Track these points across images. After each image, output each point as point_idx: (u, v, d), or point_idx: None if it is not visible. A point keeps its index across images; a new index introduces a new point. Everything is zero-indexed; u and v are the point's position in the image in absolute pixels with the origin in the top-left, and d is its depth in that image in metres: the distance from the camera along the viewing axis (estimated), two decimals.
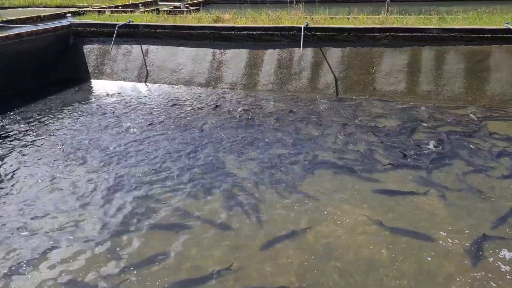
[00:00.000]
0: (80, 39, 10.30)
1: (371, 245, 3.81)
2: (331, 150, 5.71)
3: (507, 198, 4.48)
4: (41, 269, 3.63)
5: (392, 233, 3.97)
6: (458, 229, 4.00)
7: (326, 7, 11.02)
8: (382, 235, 3.95)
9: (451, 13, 9.34)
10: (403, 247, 3.78)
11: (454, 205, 4.40)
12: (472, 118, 6.71)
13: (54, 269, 3.62)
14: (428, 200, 4.51)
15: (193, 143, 6.06)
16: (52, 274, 3.56)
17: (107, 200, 4.66)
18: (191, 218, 4.29)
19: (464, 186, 4.75)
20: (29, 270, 3.62)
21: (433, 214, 4.25)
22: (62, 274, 3.56)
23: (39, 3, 16.67)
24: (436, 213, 4.27)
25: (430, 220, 4.16)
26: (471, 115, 6.86)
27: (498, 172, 5.02)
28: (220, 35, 9.30)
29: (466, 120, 6.65)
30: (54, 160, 5.63)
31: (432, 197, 4.55)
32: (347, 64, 8.43)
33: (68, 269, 3.61)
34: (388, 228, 4.04)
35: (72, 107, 7.94)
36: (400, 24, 8.65)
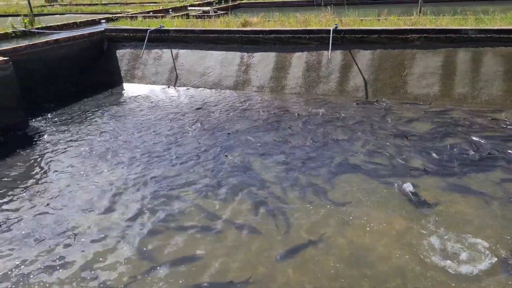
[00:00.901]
0: (113, 44, 10.64)
1: (404, 254, 3.69)
2: (360, 154, 5.60)
3: None
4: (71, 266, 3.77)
5: (425, 242, 3.83)
6: (495, 238, 3.80)
7: (355, 9, 10.85)
8: (415, 244, 3.81)
9: (488, 13, 8.95)
10: (436, 257, 3.63)
11: (490, 212, 4.19)
12: (510, 122, 6.39)
13: (81, 267, 3.74)
14: (463, 207, 4.32)
15: (220, 146, 6.11)
16: (77, 272, 3.68)
17: (134, 198, 4.78)
18: (217, 221, 4.31)
19: (502, 193, 4.52)
20: (65, 265, 3.76)
21: (469, 222, 4.07)
22: (85, 272, 3.67)
23: (75, 10, 17.40)
24: (471, 220, 4.08)
25: (465, 228, 3.98)
26: (510, 119, 6.53)
27: None
28: (248, 38, 9.35)
29: (504, 125, 6.34)
30: (87, 159, 5.84)
31: (467, 205, 4.36)
32: (377, 67, 8.25)
33: (91, 268, 3.72)
34: (421, 236, 3.90)
35: (105, 109, 8.21)
36: (433, 25, 8.38)
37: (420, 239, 3.86)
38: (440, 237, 3.86)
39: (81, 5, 20.08)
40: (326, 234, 4.01)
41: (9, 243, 4.11)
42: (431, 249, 3.73)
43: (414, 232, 3.97)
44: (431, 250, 3.71)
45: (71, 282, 3.57)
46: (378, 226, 4.09)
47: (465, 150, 5.56)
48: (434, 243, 3.80)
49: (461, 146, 5.67)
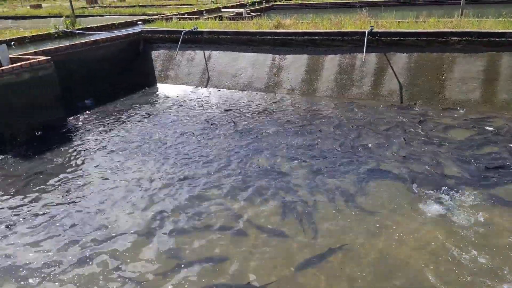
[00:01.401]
0: (149, 45, 10.93)
1: (435, 266, 3.52)
2: (393, 161, 5.41)
3: None
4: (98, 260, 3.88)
5: (459, 254, 3.64)
6: None
7: (392, 11, 10.54)
8: (448, 255, 3.63)
9: None
10: (471, 270, 3.44)
11: None
12: None
13: (109, 262, 3.84)
14: (501, 219, 4.07)
15: (249, 148, 6.11)
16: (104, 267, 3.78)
17: (163, 196, 4.87)
18: (243, 222, 4.30)
19: None
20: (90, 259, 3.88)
21: (497, 232, 3.82)
22: (113, 267, 3.76)
23: (114, 12, 18.04)
24: (499, 231, 3.83)
25: (503, 242, 3.75)
26: None
27: None
28: (281, 40, 9.31)
29: None
30: (121, 156, 6.01)
31: (504, 217, 4.10)
32: (414, 71, 7.97)
33: (119, 263, 3.80)
34: (456, 249, 3.71)
35: (139, 109, 8.44)
36: (476, 27, 7.99)
37: (453, 252, 3.67)
38: (475, 251, 3.66)
39: (120, 7, 20.82)
40: (354, 241, 3.89)
41: (43, 235, 4.28)
42: (464, 263, 3.53)
43: (447, 244, 3.78)
44: (464, 264, 3.52)
45: (99, 276, 3.67)
46: (409, 236, 3.92)
47: (504, 159, 5.24)
48: (468, 257, 3.60)
49: (501, 156, 5.35)
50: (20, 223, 4.52)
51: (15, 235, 4.32)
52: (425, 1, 15.98)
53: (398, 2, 16.11)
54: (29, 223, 4.51)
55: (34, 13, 20.61)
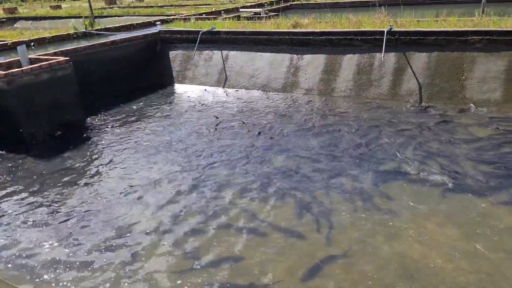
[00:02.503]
0: (166, 45, 11.08)
1: (456, 270, 3.50)
2: (411, 161, 5.38)
3: None
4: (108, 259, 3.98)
5: (481, 258, 3.61)
6: None
7: (411, 10, 10.42)
8: (469, 259, 3.60)
9: None
10: (490, 272, 3.41)
11: None
12: None
13: (125, 259, 3.94)
14: None
15: (266, 148, 6.15)
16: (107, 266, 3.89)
17: (178, 195, 4.96)
18: (258, 222, 4.35)
19: None
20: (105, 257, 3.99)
21: None
22: (129, 264, 3.86)
23: (132, 12, 18.33)
24: None
25: None
26: None
27: None
28: (298, 40, 9.32)
29: None
30: (138, 155, 6.14)
31: None
32: (434, 70, 7.88)
33: (136, 260, 3.90)
34: (478, 253, 3.67)
35: (157, 109, 8.58)
36: (497, 26, 7.84)
37: (473, 255, 3.64)
38: (492, 254, 3.62)
39: (138, 7, 21.13)
40: (373, 243, 3.90)
41: (60, 235, 4.43)
42: (487, 266, 3.50)
43: (468, 246, 3.74)
44: (488, 267, 3.49)
45: (115, 272, 3.77)
46: (429, 238, 3.91)
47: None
48: (483, 259, 3.57)
49: None
50: (36, 220, 4.67)
51: (30, 231, 4.47)
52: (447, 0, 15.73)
53: (418, 1, 15.89)
54: (46, 220, 4.66)
55: (53, 14, 21.10)
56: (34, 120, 6.95)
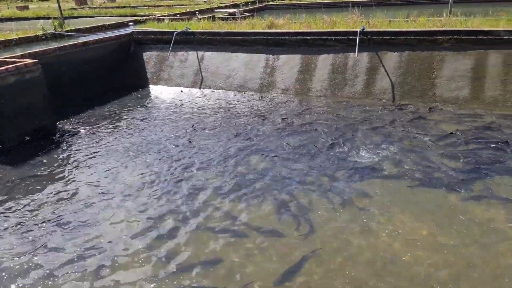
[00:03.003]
0: (140, 46, 10.89)
1: (428, 262, 3.61)
2: (385, 158, 5.51)
3: None
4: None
5: (453, 252, 3.74)
6: None
7: (383, 10, 10.68)
8: (442, 253, 3.73)
9: None
10: (462, 264, 3.54)
11: None
12: None
13: (100, 266, 3.85)
14: (489, 213, 4.18)
15: (243, 148, 6.15)
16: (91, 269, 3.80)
17: (154, 201, 4.87)
18: (236, 223, 4.35)
19: None
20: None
21: (494, 228, 3.93)
22: (104, 271, 3.77)
23: (104, 13, 17.91)
24: (497, 227, 3.95)
25: (490, 235, 3.86)
26: None
27: None
28: (274, 40, 9.37)
29: None
30: (112, 160, 6.00)
31: (494, 210, 4.22)
32: (405, 69, 8.10)
33: (111, 268, 3.82)
34: (449, 246, 3.80)
35: (131, 111, 8.42)
36: (464, 26, 8.15)
37: (444, 249, 3.77)
38: (461, 244, 3.77)
39: (110, 8, 20.66)
40: (348, 239, 3.97)
41: (33, 241, 4.27)
42: (457, 257, 3.64)
43: (440, 239, 3.87)
44: (457, 257, 3.62)
45: (93, 282, 3.67)
46: (403, 232, 4.01)
47: (493, 155, 5.38)
48: (455, 250, 3.70)
49: (490, 151, 5.49)
50: (7, 229, 4.50)
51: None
52: (416, 1, 16.20)
53: (389, 2, 16.32)
54: (16, 229, 4.49)
55: (20, 15, 20.35)
56: (1, 125, 6.66)
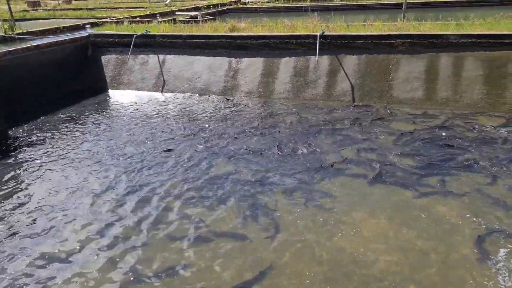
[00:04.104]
0: (98, 49, 10.53)
1: (389, 257, 3.74)
2: (346, 158, 5.66)
3: None
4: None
5: (411, 247, 3.89)
6: (476, 239, 3.89)
7: (341, 15, 11.01)
8: (401, 249, 3.87)
9: (469, 18, 9.20)
10: (420, 258, 3.70)
11: (472, 213, 4.29)
12: (491, 125, 6.56)
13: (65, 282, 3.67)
14: (444, 208, 4.41)
15: (206, 152, 6.10)
16: None
17: (115, 210, 4.72)
18: (202, 229, 4.30)
19: (481, 195, 4.62)
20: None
21: (448, 222, 4.15)
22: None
23: (59, 15, 17.14)
24: (451, 221, 4.16)
25: (445, 228, 4.06)
26: (489, 122, 6.71)
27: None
28: (236, 44, 9.38)
29: (484, 128, 6.50)
30: (69, 168, 5.74)
31: (448, 205, 4.45)
32: (364, 72, 8.38)
33: (77, 280, 3.66)
34: (408, 242, 3.96)
35: (89, 117, 8.10)
36: (417, 30, 8.56)
37: (404, 244, 3.92)
38: (418, 239, 3.94)
39: (66, 10, 19.81)
40: (314, 239, 4.03)
41: None
42: (413, 251, 3.79)
43: (398, 235, 4.02)
44: (414, 252, 3.78)
45: None
46: (366, 230, 4.13)
47: (446, 152, 5.67)
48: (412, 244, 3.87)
49: (443, 149, 5.78)
50: None
51: None
52: (372, 6, 16.84)
53: (347, 7, 16.85)
54: None
55: None
56: None
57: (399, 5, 12.46)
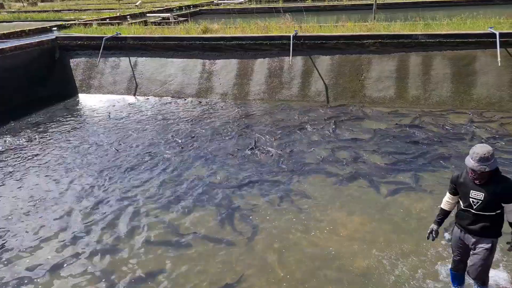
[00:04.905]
0: (66, 53, 10.18)
1: (365, 253, 3.78)
2: (321, 158, 5.70)
3: None
4: None
5: (386, 242, 3.95)
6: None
7: (314, 16, 11.12)
8: (377, 244, 3.92)
9: (436, 18, 9.49)
10: (396, 253, 3.76)
11: None
12: (459, 122, 6.78)
13: None
14: (416, 203, 4.51)
15: (183, 156, 6.00)
16: None
17: (87, 215, 4.57)
18: (179, 232, 4.22)
19: None
20: None
21: (421, 217, 4.23)
22: None
23: (24, 17, 16.50)
24: (423, 216, 4.25)
25: (418, 223, 4.15)
26: (458, 119, 6.94)
27: None
28: (210, 45, 9.29)
29: (451, 124, 6.70)
30: (37, 177, 5.51)
31: (420, 200, 4.55)
32: (337, 72, 8.48)
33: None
34: (383, 237, 4.02)
35: (58, 122, 7.81)
36: (386, 30, 8.75)
37: (379, 239, 3.98)
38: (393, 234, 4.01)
39: (31, 12, 19.07)
40: (291, 238, 4.02)
41: None
42: (389, 246, 3.85)
43: (374, 230, 4.08)
44: (390, 247, 3.84)
45: None
46: (341, 227, 4.16)
47: (417, 149, 5.81)
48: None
49: (414, 146, 5.92)
50: None
51: None
52: (344, 6, 17.12)
53: (319, 8, 17.05)
54: None
55: None
56: None
57: (370, 6, 12.73)
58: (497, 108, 7.31)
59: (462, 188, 2.85)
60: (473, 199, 2.78)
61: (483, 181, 2.71)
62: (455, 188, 2.93)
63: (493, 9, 12.86)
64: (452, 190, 2.97)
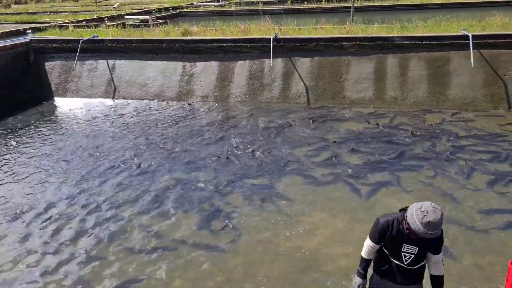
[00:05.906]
0: (41, 56, 9.91)
1: (347, 254, 3.82)
2: (303, 159, 5.73)
3: (471, 197, 4.65)
4: None
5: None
6: None
7: (293, 18, 11.20)
8: (358, 244, 3.96)
9: (412, 21, 9.72)
10: None
11: None
12: (436, 122, 6.96)
13: None
14: (397, 202, 4.59)
15: (161, 160, 5.92)
16: None
17: (65, 223, 4.45)
18: (160, 238, 4.16)
19: (430, 187, 4.87)
20: None
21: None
22: None
23: None
24: None
25: None
26: (434, 119, 7.13)
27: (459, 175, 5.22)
28: (190, 47, 9.23)
29: (428, 124, 6.86)
30: (14, 180, 5.32)
31: (401, 200, 4.64)
32: (317, 73, 8.57)
33: None
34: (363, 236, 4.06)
35: (32, 127, 7.59)
36: (364, 33, 8.91)
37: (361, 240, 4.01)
38: None
39: (4, 15, 18.49)
40: (274, 241, 4.02)
41: None
42: None
43: (355, 232, 4.12)
44: None
45: None
46: (324, 228, 4.19)
47: (396, 149, 5.92)
48: None
49: (393, 145, 6.03)
50: None
51: None
52: (323, 9, 17.34)
53: (298, 10, 17.21)
54: None
55: None
56: None
57: (348, 9, 12.94)
58: (471, 107, 7.54)
59: (392, 241, 2.47)
60: (406, 253, 2.43)
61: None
62: (382, 239, 2.51)
63: (466, 12, 13.29)
64: (377, 239, 2.54)
